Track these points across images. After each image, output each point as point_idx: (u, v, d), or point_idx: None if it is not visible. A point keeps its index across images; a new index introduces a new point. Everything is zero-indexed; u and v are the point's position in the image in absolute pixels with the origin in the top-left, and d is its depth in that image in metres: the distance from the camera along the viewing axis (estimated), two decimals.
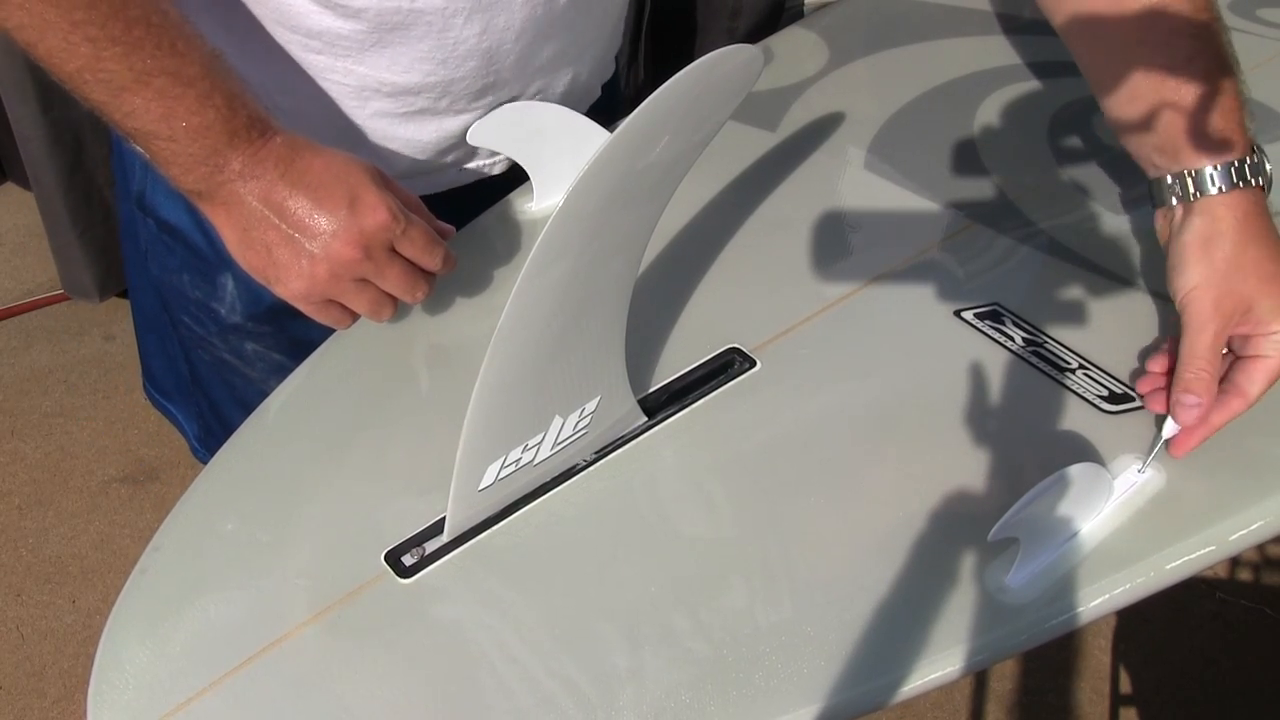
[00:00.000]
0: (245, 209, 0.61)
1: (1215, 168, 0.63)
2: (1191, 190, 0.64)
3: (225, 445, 0.64)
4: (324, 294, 0.62)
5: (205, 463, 0.87)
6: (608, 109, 0.84)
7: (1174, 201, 0.65)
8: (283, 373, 0.78)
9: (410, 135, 0.76)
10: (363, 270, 0.62)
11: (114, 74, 0.57)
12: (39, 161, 1.76)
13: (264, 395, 0.68)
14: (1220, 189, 0.63)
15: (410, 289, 0.64)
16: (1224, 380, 0.62)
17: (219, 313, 0.81)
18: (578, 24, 0.75)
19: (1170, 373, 0.63)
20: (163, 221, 0.80)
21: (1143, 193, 0.69)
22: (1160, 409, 0.62)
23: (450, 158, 0.80)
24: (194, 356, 0.87)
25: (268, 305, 0.71)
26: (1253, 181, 0.63)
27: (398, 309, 0.66)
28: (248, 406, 0.71)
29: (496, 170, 0.83)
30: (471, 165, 0.82)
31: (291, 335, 0.81)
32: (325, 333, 0.67)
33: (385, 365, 0.69)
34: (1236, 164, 0.63)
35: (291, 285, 0.62)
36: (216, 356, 0.84)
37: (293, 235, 0.60)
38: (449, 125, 0.76)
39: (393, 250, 0.63)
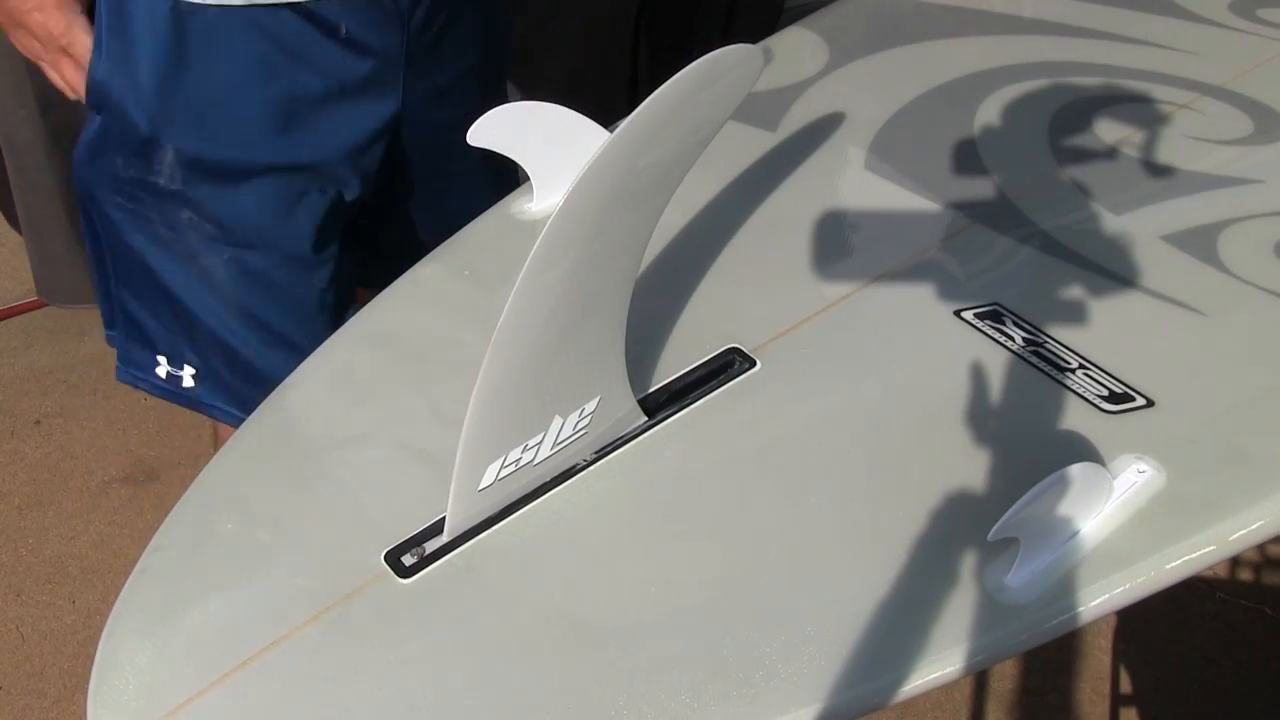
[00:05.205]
0: None
1: None
2: None
3: (225, 445, 0.64)
4: None
5: (123, 380, 0.93)
6: None
7: None
8: (213, 244, 0.85)
9: None
10: None
11: None
12: (37, 166, 1.75)
13: (197, 274, 0.78)
14: None
15: None
16: None
17: (157, 184, 0.85)
18: None
19: None
20: (112, 104, 0.83)
21: (1143, 193, 0.69)
22: None
23: None
24: (122, 244, 0.90)
25: (202, 172, 0.81)
26: None
27: None
28: (173, 290, 0.82)
29: None
30: None
31: (222, 203, 0.85)
32: (254, 203, 0.78)
33: (384, 365, 0.69)
34: None
35: None
36: (152, 234, 0.88)
37: None
38: None
39: None
